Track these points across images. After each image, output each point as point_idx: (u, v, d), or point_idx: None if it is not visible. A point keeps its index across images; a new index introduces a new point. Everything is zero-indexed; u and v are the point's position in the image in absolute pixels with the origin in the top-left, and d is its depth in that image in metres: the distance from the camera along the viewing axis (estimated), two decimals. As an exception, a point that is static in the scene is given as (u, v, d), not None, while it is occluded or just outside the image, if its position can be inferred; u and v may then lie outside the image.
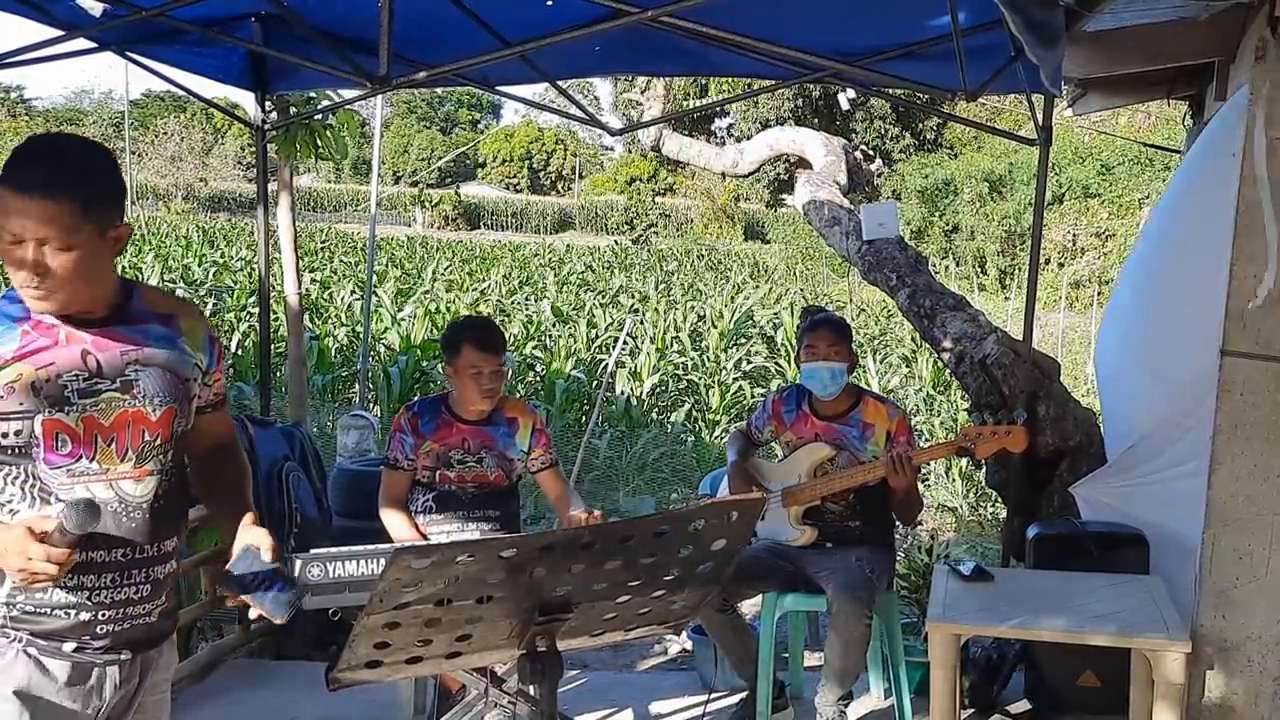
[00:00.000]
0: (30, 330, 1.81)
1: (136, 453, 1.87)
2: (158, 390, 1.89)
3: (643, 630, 1.65)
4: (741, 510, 1.48)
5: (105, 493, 1.84)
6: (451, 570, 1.36)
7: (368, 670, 1.51)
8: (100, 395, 1.83)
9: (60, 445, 1.81)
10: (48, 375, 1.79)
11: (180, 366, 1.93)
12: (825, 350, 3.49)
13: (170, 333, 1.94)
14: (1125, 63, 4.10)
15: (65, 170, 1.77)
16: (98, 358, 1.84)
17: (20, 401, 1.78)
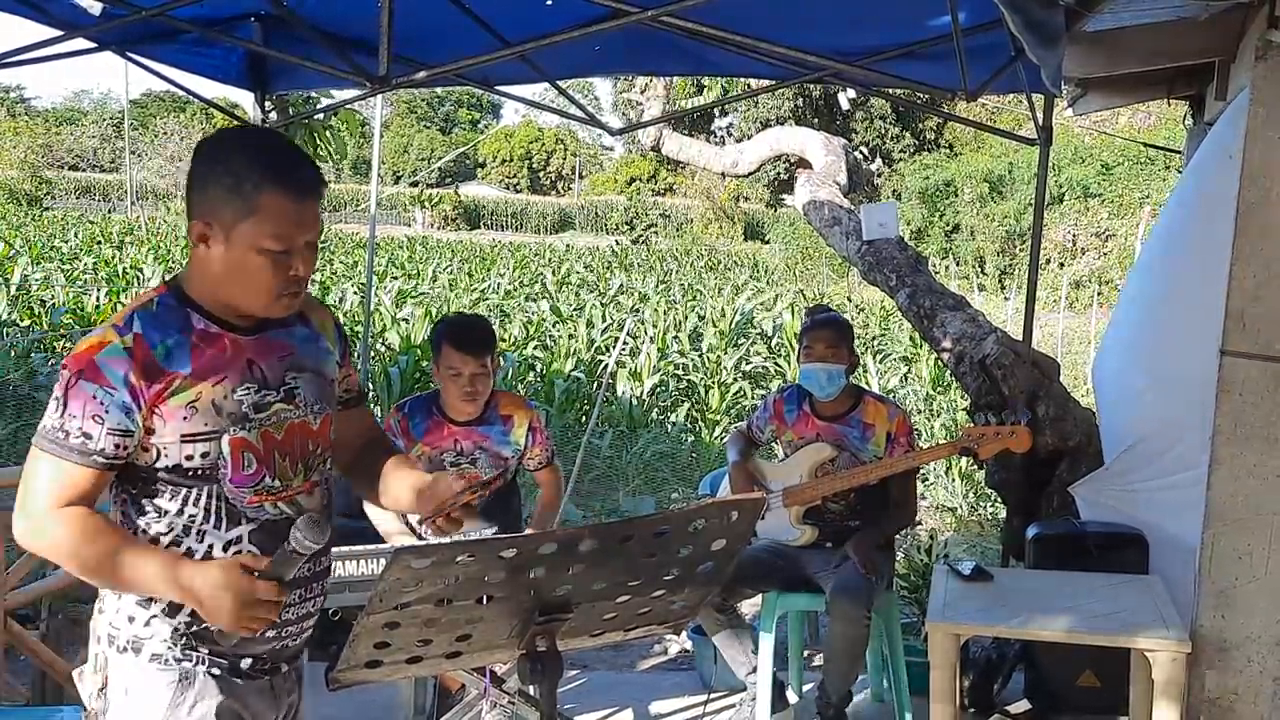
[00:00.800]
0: (199, 342, 1.71)
1: (305, 465, 1.81)
2: (316, 397, 1.83)
3: (642, 630, 1.65)
4: (742, 510, 1.48)
5: (288, 508, 1.79)
6: (451, 570, 1.36)
7: (368, 670, 1.51)
8: (270, 408, 1.76)
9: (246, 464, 1.74)
10: (224, 391, 1.71)
11: (326, 368, 1.87)
12: (823, 351, 3.49)
13: (311, 332, 1.86)
14: (1125, 62, 4.10)
15: (315, 166, 1.72)
16: (261, 367, 1.76)
17: (205, 422, 1.69)
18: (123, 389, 1.64)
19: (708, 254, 29.97)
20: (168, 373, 1.67)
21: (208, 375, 1.70)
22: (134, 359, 1.65)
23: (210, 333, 1.72)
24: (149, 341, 1.67)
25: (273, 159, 1.68)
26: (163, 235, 25.83)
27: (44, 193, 38.16)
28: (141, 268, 16.74)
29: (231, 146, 1.71)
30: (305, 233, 1.69)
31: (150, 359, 1.66)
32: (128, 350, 1.65)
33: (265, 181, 1.64)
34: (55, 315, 11.59)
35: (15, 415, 8.58)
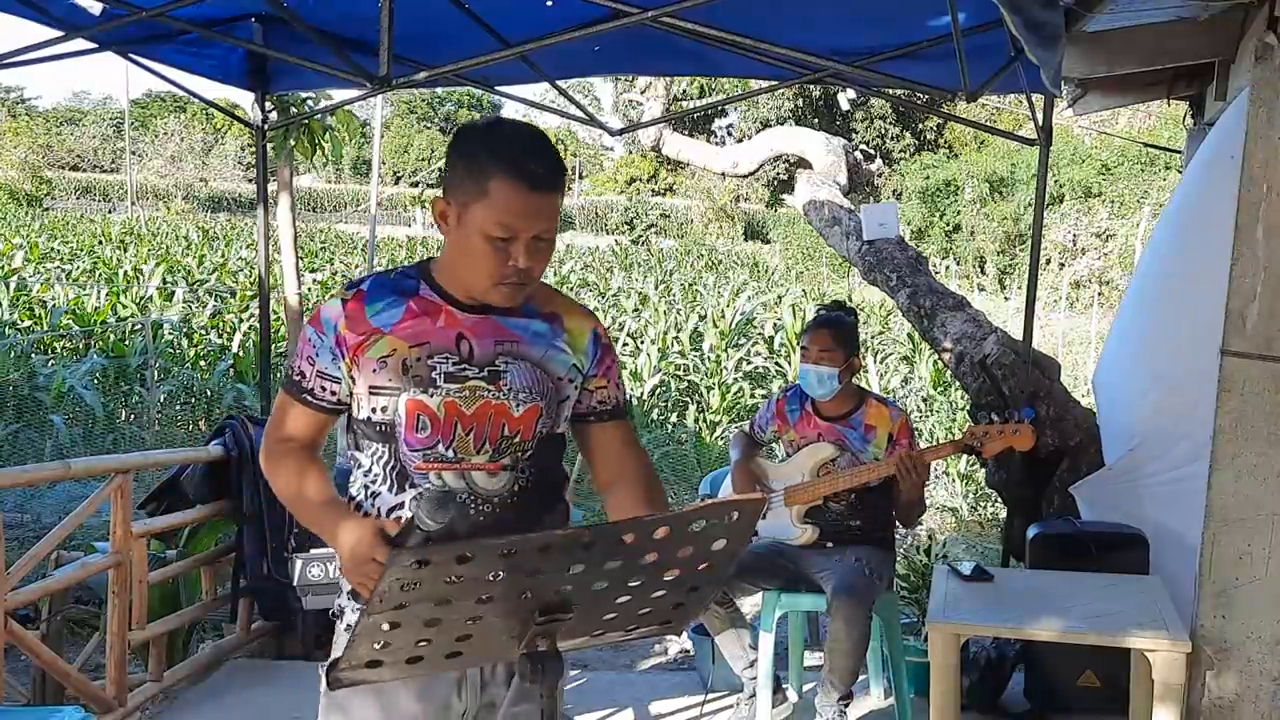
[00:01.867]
0: (414, 307, 1.79)
1: (495, 446, 1.81)
2: (525, 385, 1.81)
3: (643, 631, 1.65)
4: (742, 510, 1.48)
5: (456, 482, 1.80)
6: (451, 570, 1.36)
7: (368, 670, 1.51)
8: (466, 382, 1.78)
9: (420, 428, 1.78)
10: (419, 355, 1.77)
11: (554, 365, 1.84)
12: (816, 354, 3.49)
13: (551, 331, 1.85)
14: (1125, 63, 4.11)
15: (559, 163, 1.72)
16: (471, 343, 1.79)
17: (389, 378, 1.77)
18: (330, 335, 1.79)
19: (708, 254, 29.97)
20: (370, 326, 1.78)
21: (407, 336, 1.77)
22: (345, 311, 1.78)
23: (430, 301, 1.80)
24: (368, 298, 1.79)
25: (511, 147, 1.70)
26: (163, 235, 25.82)
27: (44, 193, 38.17)
28: (142, 268, 16.73)
29: (480, 132, 1.76)
30: (532, 225, 1.70)
31: (359, 313, 1.78)
32: (344, 302, 1.79)
33: (497, 168, 1.68)
34: (55, 316, 11.60)
35: (15, 416, 8.59)
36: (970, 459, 6.73)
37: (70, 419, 8.61)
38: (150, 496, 4.04)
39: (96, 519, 4.23)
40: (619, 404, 1.97)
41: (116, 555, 3.44)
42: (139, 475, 4.39)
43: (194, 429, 8.95)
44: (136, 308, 12.41)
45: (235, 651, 4.10)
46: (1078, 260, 20.04)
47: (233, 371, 9.88)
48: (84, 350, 10.61)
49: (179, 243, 23.72)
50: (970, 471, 7.21)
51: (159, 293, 13.87)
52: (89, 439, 8.36)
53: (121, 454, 5.94)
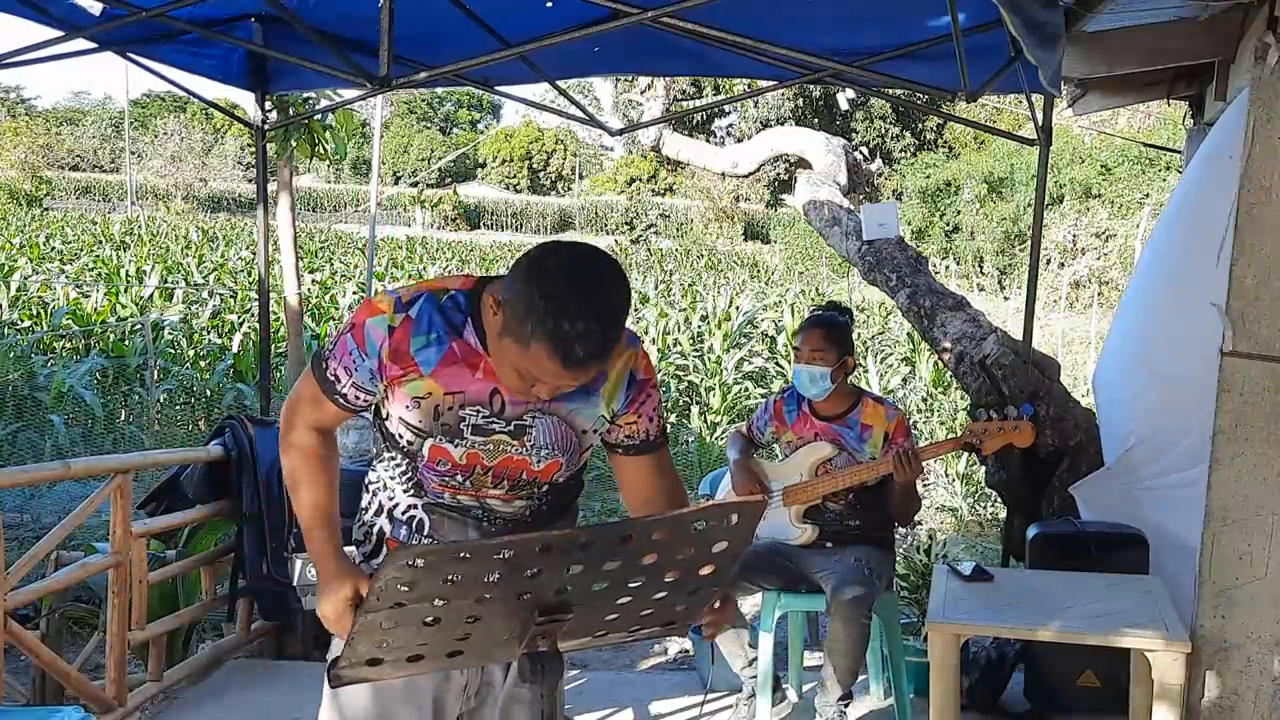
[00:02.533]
0: (457, 351, 1.76)
1: (512, 484, 1.86)
2: (548, 442, 1.82)
3: (645, 632, 1.65)
4: (743, 512, 1.48)
5: (470, 502, 1.86)
6: (449, 570, 1.36)
7: (368, 668, 1.51)
8: (492, 435, 1.80)
9: (440, 465, 1.83)
10: (451, 404, 1.77)
11: (579, 418, 1.83)
12: (808, 354, 3.49)
13: (591, 385, 1.78)
14: (1125, 63, 4.11)
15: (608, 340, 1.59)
16: (504, 399, 1.78)
17: (420, 419, 1.78)
18: (373, 358, 1.77)
19: (708, 254, 29.97)
20: (412, 362, 1.76)
21: (445, 382, 1.77)
22: (391, 338, 1.75)
23: (473, 349, 1.76)
24: (416, 327, 1.75)
25: (563, 316, 1.55)
26: (163, 235, 25.82)
27: (44, 193, 38.16)
28: (142, 268, 16.73)
29: (551, 273, 1.60)
30: (562, 387, 1.70)
31: (404, 345, 1.75)
32: (390, 329, 1.75)
33: (542, 333, 1.56)
34: (56, 316, 11.59)
35: (15, 416, 8.58)
36: (970, 458, 6.73)
37: (70, 419, 8.61)
38: (150, 496, 4.04)
39: (96, 519, 4.23)
40: (650, 438, 1.91)
41: (116, 555, 3.44)
42: (139, 475, 4.38)
43: (194, 429, 8.95)
44: (136, 308, 12.41)
45: (235, 651, 4.10)
46: (1077, 260, 20.03)
47: (233, 371, 9.87)
48: (84, 350, 10.60)
49: (179, 243, 23.71)
50: (970, 471, 7.20)
51: (159, 293, 13.86)
52: (89, 439, 8.36)
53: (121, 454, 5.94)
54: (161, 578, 3.83)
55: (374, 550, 1.93)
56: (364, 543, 1.94)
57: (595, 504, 7.31)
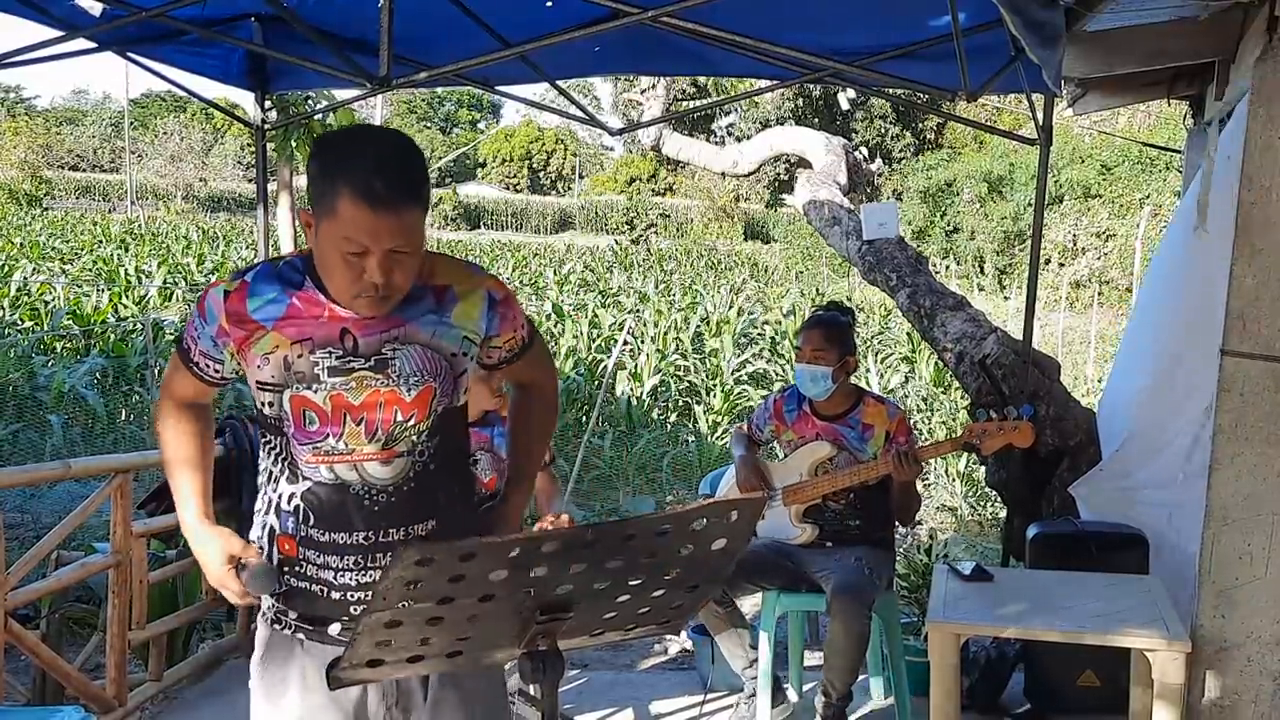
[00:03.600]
0: (297, 301, 1.78)
1: (387, 434, 1.81)
2: (415, 369, 1.80)
3: (642, 630, 1.65)
4: (742, 510, 1.48)
5: (349, 474, 1.81)
6: (454, 568, 1.36)
7: (369, 669, 1.51)
8: (352, 374, 1.78)
9: (308, 423, 1.79)
10: (301, 351, 1.77)
11: (445, 342, 1.83)
12: (810, 353, 3.49)
13: (441, 305, 1.83)
14: (1125, 63, 4.10)
15: (410, 180, 1.68)
16: (356, 337, 1.78)
17: (273, 375, 1.78)
18: (212, 324, 1.81)
19: (708, 254, 29.97)
20: (252, 322, 1.78)
21: (290, 333, 1.78)
22: (226, 302, 1.80)
23: (314, 299, 1.79)
24: (252, 290, 1.79)
25: (358, 164, 1.66)
26: (163, 235, 25.82)
27: (44, 193, 38.16)
28: (142, 268, 16.73)
29: (333, 146, 1.71)
30: (380, 241, 1.67)
31: (240, 307, 1.79)
32: (226, 294, 1.80)
33: (344, 186, 1.65)
34: (56, 317, 11.60)
35: (16, 416, 8.59)
36: (970, 458, 6.73)
37: (70, 419, 8.61)
38: (150, 496, 4.03)
39: (96, 519, 4.23)
40: (524, 341, 1.98)
41: (116, 555, 3.44)
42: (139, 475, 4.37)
43: (194, 429, 8.93)
44: (136, 308, 12.41)
45: (235, 651, 4.09)
46: (1077, 260, 20.03)
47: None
48: (84, 350, 10.60)
49: (179, 243, 23.71)
50: (970, 471, 7.21)
51: (159, 293, 13.86)
52: (89, 439, 8.36)
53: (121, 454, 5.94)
54: (161, 577, 3.83)
55: (268, 549, 1.88)
56: (259, 539, 1.91)
57: (596, 504, 7.32)
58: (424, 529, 1.86)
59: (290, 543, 1.85)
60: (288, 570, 1.86)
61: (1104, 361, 12.76)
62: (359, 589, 1.84)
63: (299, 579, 1.86)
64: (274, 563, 1.87)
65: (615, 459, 8.15)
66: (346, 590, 1.84)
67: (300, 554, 1.84)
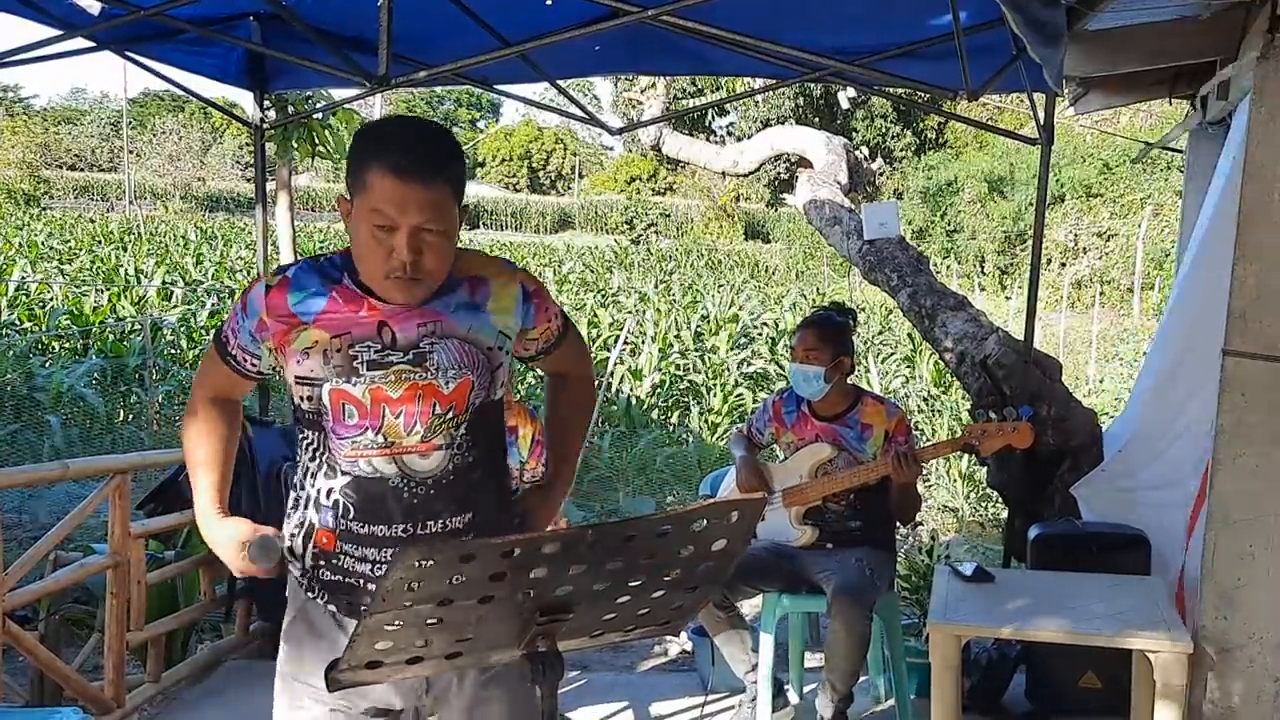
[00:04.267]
0: (337, 296, 1.81)
1: (426, 426, 1.82)
2: (453, 362, 1.83)
3: (642, 631, 1.64)
4: (742, 511, 1.47)
5: (388, 468, 1.82)
6: (454, 570, 1.35)
7: (368, 671, 1.50)
8: (391, 368, 1.80)
9: (348, 416, 1.81)
10: (340, 345, 1.79)
11: (481, 336, 1.86)
12: (803, 353, 3.49)
13: (476, 300, 1.86)
14: (1126, 62, 4.10)
15: (435, 155, 1.73)
16: (394, 330, 1.80)
17: (312, 369, 1.80)
18: (253, 319, 1.84)
19: (708, 254, 29.98)
20: (293, 317, 1.81)
21: (329, 327, 1.79)
22: (268, 297, 1.83)
23: (353, 293, 1.81)
24: (293, 285, 1.82)
25: (389, 140, 1.73)
26: (161, 235, 25.81)
27: (42, 192, 38.16)
28: (141, 267, 16.72)
29: (371, 129, 1.79)
30: (406, 215, 1.70)
31: (282, 301, 1.82)
32: (268, 289, 1.84)
33: (372, 158, 1.71)
34: (54, 316, 11.59)
35: (14, 416, 8.58)
36: (972, 459, 6.72)
37: (69, 419, 8.61)
38: (148, 497, 4.03)
39: (95, 519, 4.22)
40: (560, 332, 2.03)
41: (115, 556, 3.43)
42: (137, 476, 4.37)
43: (193, 429, 8.92)
44: (135, 308, 12.41)
45: (233, 652, 4.09)
46: (1079, 260, 20.04)
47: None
48: (82, 351, 10.60)
49: (177, 242, 23.71)
50: (971, 472, 7.20)
51: (157, 293, 13.86)
52: (87, 439, 8.36)
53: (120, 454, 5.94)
54: (160, 578, 3.82)
55: (302, 551, 1.90)
56: (295, 536, 1.92)
57: (596, 504, 7.31)
58: (461, 521, 1.87)
59: (329, 536, 1.86)
60: (324, 564, 1.87)
61: (1105, 361, 12.76)
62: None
63: (335, 572, 1.87)
64: (311, 557, 1.89)
65: (615, 459, 8.15)
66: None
67: (338, 547, 1.86)
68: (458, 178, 1.77)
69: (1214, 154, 4.19)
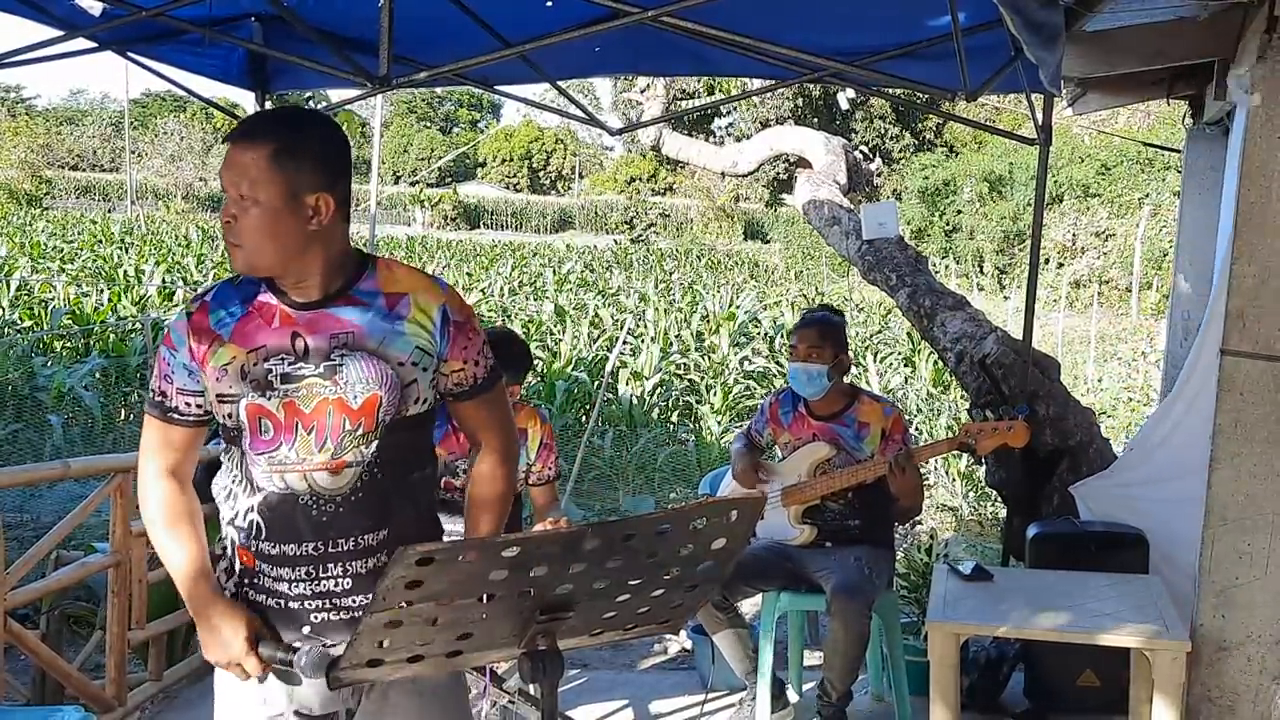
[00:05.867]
0: (253, 311, 1.80)
1: (336, 443, 1.79)
2: (361, 376, 1.78)
3: (641, 629, 1.65)
4: (741, 509, 1.48)
5: (299, 484, 1.80)
6: (455, 568, 1.36)
7: (369, 669, 1.51)
8: (303, 380, 1.78)
9: (263, 431, 1.79)
10: (255, 359, 1.78)
11: (392, 350, 1.80)
12: (804, 351, 3.50)
13: (394, 313, 1.81)
14: (1125, 62, 4.10)
15: (266, 121, 1.77)
16: (306, 341, 1.78)
17: (230, 385, 1.78)
18: (182, 349, 1.81)
19: (708, 254, 29.97)
20: (212, 334, 1.80)
21: (244, 341, 1.79)
22: (191, 322, 1.81)
23: (267, 304, 1.81)
24: (213, 306, 1.82)
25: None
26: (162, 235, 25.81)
27: (44, 192, 38.14)
28: (142, 267, 16.72)
29: None
30: (228, 174, 1.73)
31: (204, 322, 1.81)
32: (189, 314, 1.82)
33: None
34: (55, 316, 11.59)
35: (15, 416, 8.58)
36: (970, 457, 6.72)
37: (70, 419, 8.61)
38: (150, 496, 4.03)
39: (96, 518, 4.22)
40: (477, 380, 1.90)
41: (116, 555, 3.44)
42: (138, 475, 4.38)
43: (193, 428, 8.92)
44: (136, 308, 12.41)
45: (235, 651, 4.09)
46: (1077, 260, 20.04)
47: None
48: (84, 350, 10.60)
49: (179, 242, 23.70)
50: (970, 470, 7.20)
51: (159, 292, 13.86)
52: (88, 439, 8.36)
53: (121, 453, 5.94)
54: (161, 577, 3.82)
55: (230, 564, 1.90)
56: (221, 558, 1.91)
57: (595, 503, 7.32)
58: (374, 539, 1.84)
59: (247, 555, 1.86)
60: (247, 582, 1.87)
61: (1103, 361, 12.77)
62: (314, 598, 1.84)
63: (258, 591, 1.86)
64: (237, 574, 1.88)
65: (616, 458, 8.15)
66: (303, 599, 1.84)
67: (256, 566, 1.85)
68: (281, 147, 1.71)
69: (1211, 154, 4.20)
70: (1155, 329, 13.69)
